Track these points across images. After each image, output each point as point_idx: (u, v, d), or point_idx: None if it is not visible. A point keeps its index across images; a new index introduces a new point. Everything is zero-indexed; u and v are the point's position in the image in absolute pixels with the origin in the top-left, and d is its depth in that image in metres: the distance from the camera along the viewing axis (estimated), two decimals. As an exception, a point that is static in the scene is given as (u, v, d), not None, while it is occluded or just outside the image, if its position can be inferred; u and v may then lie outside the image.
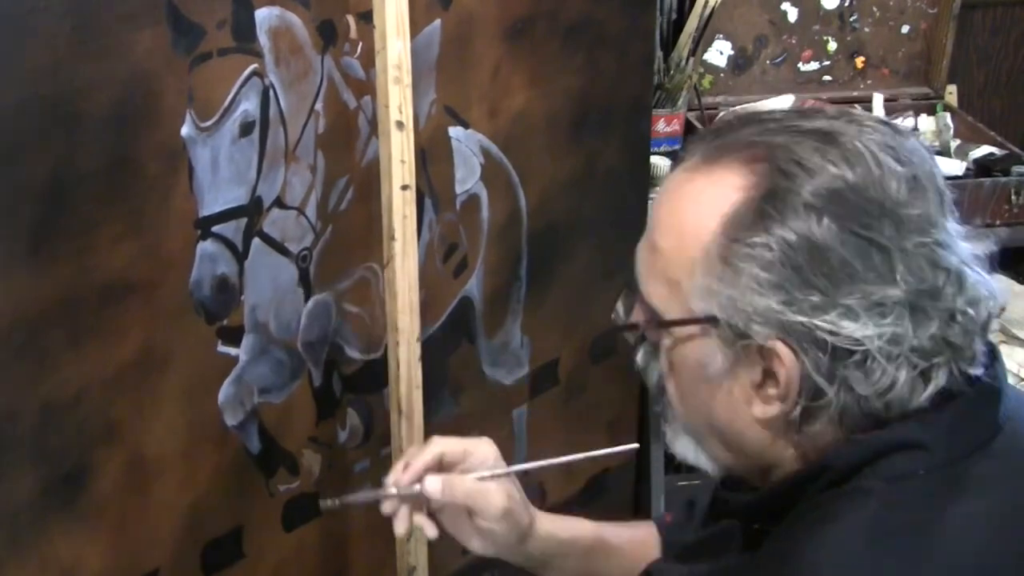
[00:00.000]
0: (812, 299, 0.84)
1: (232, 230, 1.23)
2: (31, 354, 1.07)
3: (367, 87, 1.33)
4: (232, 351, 1.26)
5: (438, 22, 1.40)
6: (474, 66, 1.47)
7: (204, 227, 1.20)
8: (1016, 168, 2.17)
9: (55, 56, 1.02)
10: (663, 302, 0.91)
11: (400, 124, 1.30)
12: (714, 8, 2.15)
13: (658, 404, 0.99)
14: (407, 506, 1.14)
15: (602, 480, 1.90)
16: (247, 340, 1.28)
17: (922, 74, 2.49)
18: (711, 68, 2.37)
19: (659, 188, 0.96)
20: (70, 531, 1.14)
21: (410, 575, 1.47)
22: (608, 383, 1.82)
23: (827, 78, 2.45)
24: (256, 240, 1.26)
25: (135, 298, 1.14)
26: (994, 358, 0.93)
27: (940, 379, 0.87)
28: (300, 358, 1.35)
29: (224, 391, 1.27)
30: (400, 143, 1.31)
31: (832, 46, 2.44)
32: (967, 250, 0.90)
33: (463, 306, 1.57)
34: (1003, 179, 2.14)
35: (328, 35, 1.28)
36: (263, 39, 1.21)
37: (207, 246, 1.20)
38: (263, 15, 1.20)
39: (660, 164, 2.01)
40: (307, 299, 1.34)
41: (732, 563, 0.99)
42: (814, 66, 2.44)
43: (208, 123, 1.17)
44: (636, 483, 2.05)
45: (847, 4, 2.41)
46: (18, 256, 1.04)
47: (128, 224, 1.12)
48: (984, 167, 2.21)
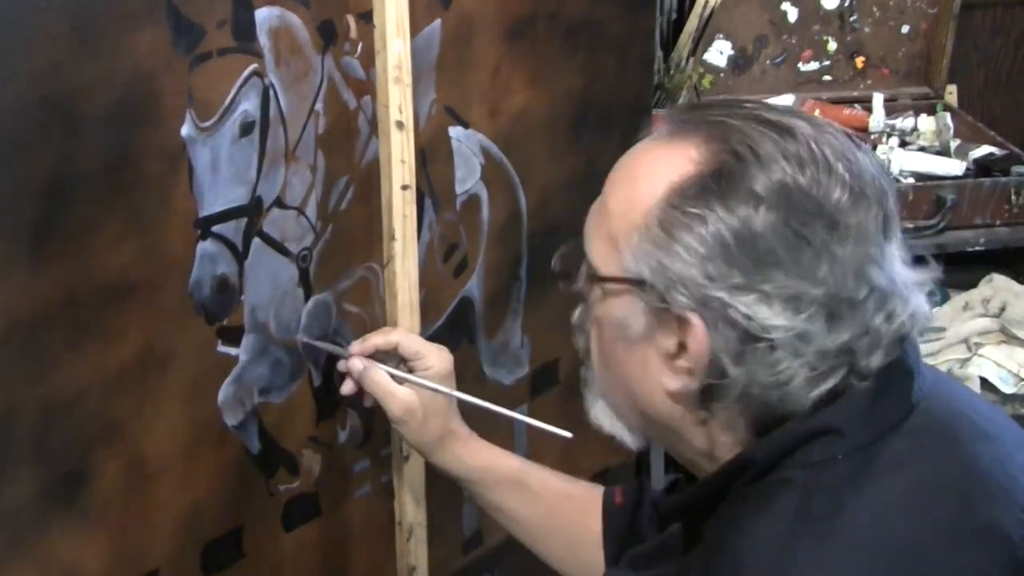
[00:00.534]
0: (734, 279, 0.87)
1: (232, 230, 1.23)
2: (31, 354, 1.07)
3: (367, 87, 1.33)
4: (232, 351, 1.26)
5: (438, 22, 1.40)
6: (474, 66, 1.47)
7: (204, 227, 1.20)
8: (1016, 168, 2.17)
9: (55, 56, 1.02)
10: (601, 259, 0.95)
11: (400, 124, 1.30)
12: (714, 8, 2.15)
13: (583, 369, 1.03)
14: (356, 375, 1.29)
15: (602, 480, 1.90)
16: (247, 340, 1.28)
17: (922, 74, 2.50)
18: (711, 68, 2.37)
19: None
20: (70, 531, 1.13)
21: (410, 575, 1.47)
22: (608, 383, 1.82)
23: (827, 78, 2.46)
24: (256, 240, 1.26)
25: (135, 298, 1.14)
26: (907, 342, 0.94)
27: (829, 384, 0.90)
28: (300, 358, 1.35)
29: (224, 391, 1.27)
30: (400, 143, 1.31)
31: (832, 46, 2.44)
32: (905, 274, 0.92)
33: (463, 306, 1.57)
34: (1003, 179, 2.14)
35: (328, 35, 1.28)
36: (263, 39, 1.21)
37: (207, 246, 1.20)
38: (263, 15, 1.20)
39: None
40: (307, 299, 1.34)
41: (673, 567, 1.01)
42: (814, 66, 2.45)
43: (208, 123, 1.17)
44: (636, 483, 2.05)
45: (847, 4, 2.42)
46: (18, 256, 1.04)
47: (128, 224, 1.12)
48: (984, 167, 2.21)
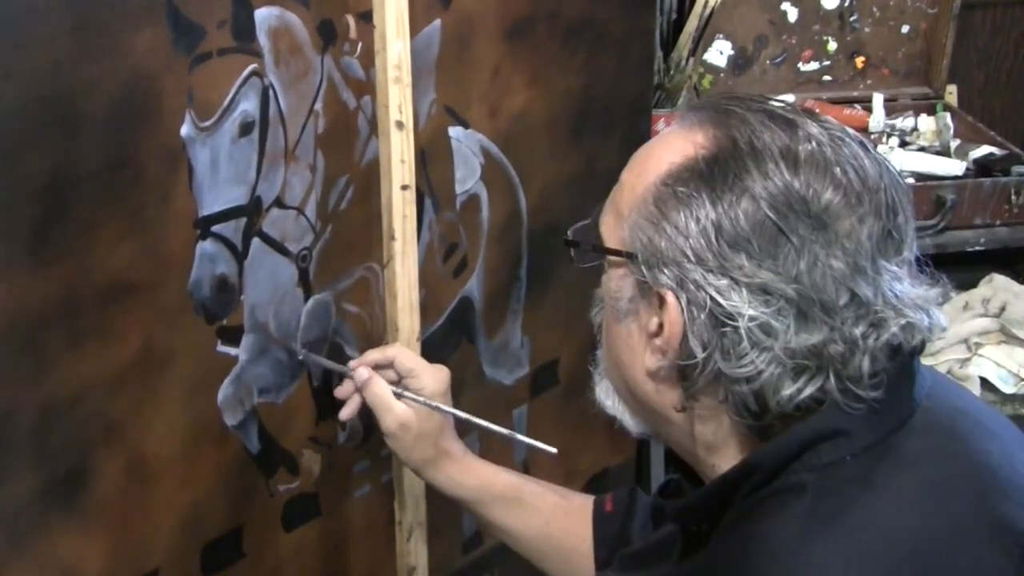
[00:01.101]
0: (710, 262, 0.88)
1: (232, 230, 1.23)
2: (31, 354, 1.07)
3: (367, 87, 1.33)
4: (232, 351, 1.27)
5: (438, 22, 1.40)
6: (474, 66, 1.47)
7: (204, 227, 1.20)
8: (1016, 168, 2.17)
9: (55, 56, 1.02)
10: (608, 231, 0.97)
11: (400, 124, 1.30)
12: (714, 8, 2.15)
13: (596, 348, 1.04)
14: (358, 397, 1.31)
15: (602, 480, 1.90)
16: (247, 340, 1.28)
17: (922, 74, 2.50)
18: (711, 68, 2.37)
19: None
20: (70, 531, 1.14)
21: (410, 575, 1.47)
22: (608, 383, 1.82)
23: (827, 78, 2.46)
24: (256, 240, 1.26)
25: (135, 298, 1.14)
26: (903, 352, 0.93)
27: (804, 384, 0.89)
28: (298, 356, 1.35)
29: (224, 391, 1.27)
30: (400, 143, 1.31)
31: (832, 46, 2.44)
32: (907, 292, 0.91)
33: (463, 306, 1.57)
34: (1003, 179, 2.14)
35: (328, 35, 1.28)
36: (263, 39, 1.21)
37: (207, 246, 1.20)
38: (263, 15, 1.20)
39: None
40: (307, 299, 1.34)
41: (674, 570, 1.00)
42: (814, 66, 2.44)
43: (208, 123, 1.17)
44: (636, 483, 2.05)
45: (847, 4, 2.41)
46: (18, 256, 1.04)
47: (128, 224, 1.12)
48: (984, 167, 2.21)
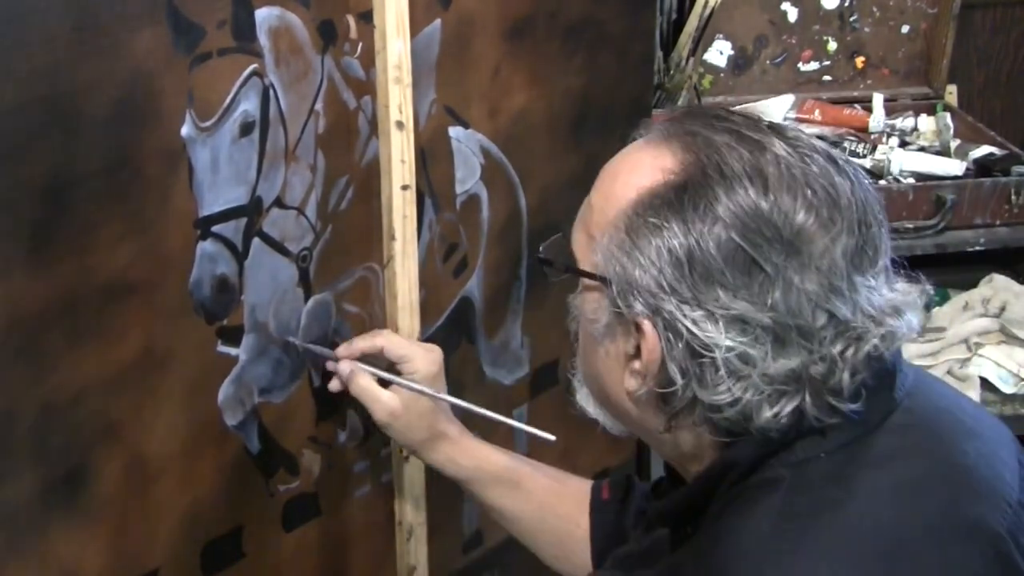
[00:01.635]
0: (684, 293, 0.88)
1: (232, 230, 1.23)
2: (31, 354, 1.07)
3: (367, 87, 1.33)
4: (232, 351, 1.26)
5: (438, 22, 1.40)
6: (474, 66, 1.47)
7: (204, 227, 1.20)
8: (1016, 168, 2.17)
9: (55, 56, 1.02)
10: (580, 251, 0.98)
11: (400, 124, 1.30)
12: (714, 8, 2.15)
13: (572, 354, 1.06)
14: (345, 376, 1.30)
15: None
16: (247, 340, 1.28)
17: (922, 74, 2.50)
18: (711, 68, 2.37)
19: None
20: (70, 531, 1.13)
21: (410, 575, 1.47)
22: (608, 383, 1.82)
23: (827, 78, 2.46)
24: (256, 240, 1.26)
25: (135, 298, 1.14)
26: (884, 361, 0.93)
27: (787, 408, 0.89)
28: (300, 358, 1.35)
29: (224, 391, 1.27)
30: (400, 143, 1.31)
31: (832, 46, 2.44)
32: (882, 300, 0.91)
33: (463, 306, 1.57)
34: (1003, 179, 2.14)
35: (328, 35, 1.28)
36: (263, 39, 1.21)
37: (207, 246, 1.20)
38: (263, 15, 1.20)
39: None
40: (307, 299, 1.34)
41: (660, 569, 1.01)
42: (814, 66, 2.44)
43: (208, 123, 1.17)
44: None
45: (847, 4, 2.41)
46: (18, 256, 1.04)
47: (128, 224, 1.12)
48: (984, 167, 2.21)
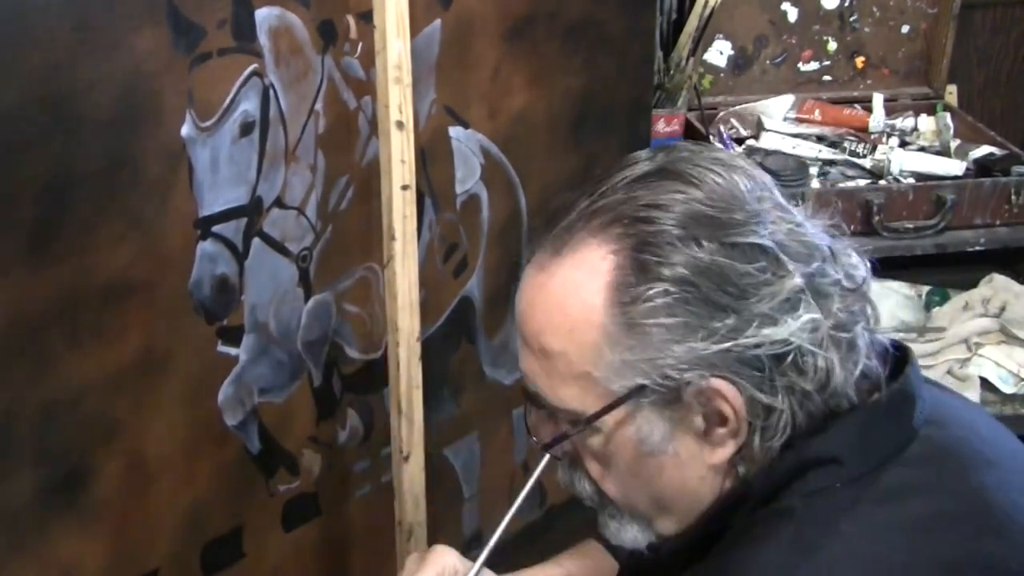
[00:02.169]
0: (727, 322, 0.83)
1: (232, 230, 1.23)
2: (31, 354, 1.07)
3: (367, 87, 1.33)
4: (232, 351, 1.27)
5: (438, 22, 1.40)
6: (474, 66, 1.47)
7: (204, 227, 1.20)
8: (1016, 168, 2.17)
9: (55, 56, 1.02)
10: (579, 401, 0.88)
11: (400, 124, 1.30)
12: (714, 8, 2.15)
13: (596, 507, 0.95)
14: None
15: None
16: (247, 340, 1.28)
17: (922, 74, 2.49)
18: (711, 68, 2.37)
19: (517, 299, 0.93)
20: (70, 531, 1.14)
21: (410, 575, 1.47)
22: (608, 383, 1.82)
23: (827, 78, 2.45)
24: (256, 240, 1.26)
25: (135, 298, 1.14)
26: (906, 361, 0.93)
27: (862, 348, 0.88)
28: (300, 358, 1.35)
29: (224, 391, 1.27)
30: (400, 143, 1.31)
31: (832, 46, 2.44)
32: (818, 228, 0.91)
33: (463, 306, 1.57)
34: (1003, 179, 2.13)
35: (328, 35, 1.28)
36: (263, 39, 1.21)
37: (207, 246, 1.20)
38: (263, 15, 1.20)
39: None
40: (307, 299, 1.34)
41: None
42: (814, 66, 2.44)
43: (208, 123, 1.17)
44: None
45: (847, 4, 2.41)
46: (18, 256, 1.04)
47: (128, 224, 1.12)
48: (984, 167, 2.20)
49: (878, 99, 2.41)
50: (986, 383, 2.02)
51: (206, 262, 1.21)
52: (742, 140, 2.23)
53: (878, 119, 2.38)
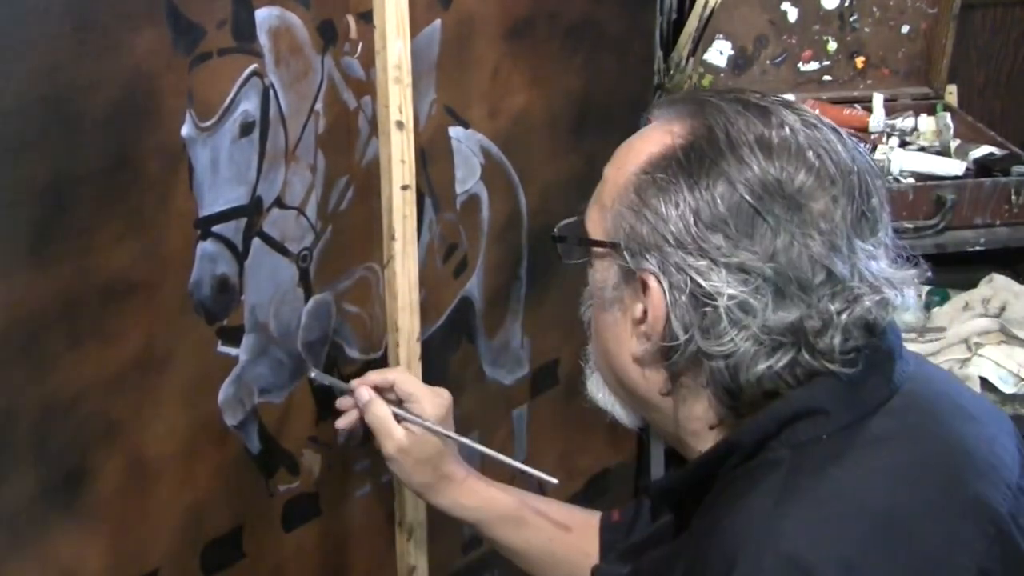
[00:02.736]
0: (688, 243, 0.90)
1: (232, 230, 1.23)
2: (31, 354, 1.07)
3: (367, 87, 1.33)
4: (232, 351, 1.26)
5: (438, 22, 1.40)
6: (474, 66, 1.47)
7: (204, 227, 1.20)
8: (1016, 168, 2.17)
9: (55, 56, 1.02)
10: (593, 224, 1.00)
11: (400, 124, 1.30)
12: (714, 8, 2.15)
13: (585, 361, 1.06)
14: (356, 411, 1.32)
15: (602, 480, 1.90)
16: (247, 340, 1.28)
17: (922, 74, 2.50)
18: (711, 68, 2.37)
19: None
20: (70, 531, 1.13)
21: (410, 575, 1.47)
22: (608, 383, 1.82)
23: (827, 78, 2.45)
24: (256, 240, 1.26)
25: (135, 298, 1.14)
26: (881, 330, 0.96)
27: (781, 362, 0.91)
28: (300, 358, 1.35)
29: (224, 391, 1.27)
30: (400, 143, 1.31)
31: (832, 46, 2.44)
32: (883, 271, 0.94)
33: (463, 306, 1.57)
34: (1003, 179, 2.14)
35: (328, 35, 1.28)
36: (263, 39, 1.21)
37: (207, 246, 1.20)
38: (263, 15, 1.20)
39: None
40: (307, 299, 1.34)
41: (663, 550, 1.03)
42: (814, 66, 2.44)
43: (208, 123, 1.17)
44: (636, 482, 2.05)
45: (847, 4, 2.41)
46: (18, 256, 1.04)
47: (128, 224, 1.12)
48: (984, 167, 2.21)
49: (878, 99, 2.41)
50: (986, 383, 2.02)
51: (206, 262, 1.21)
52: (742, 140, 2.23)
53: (878, 119, 2.38)
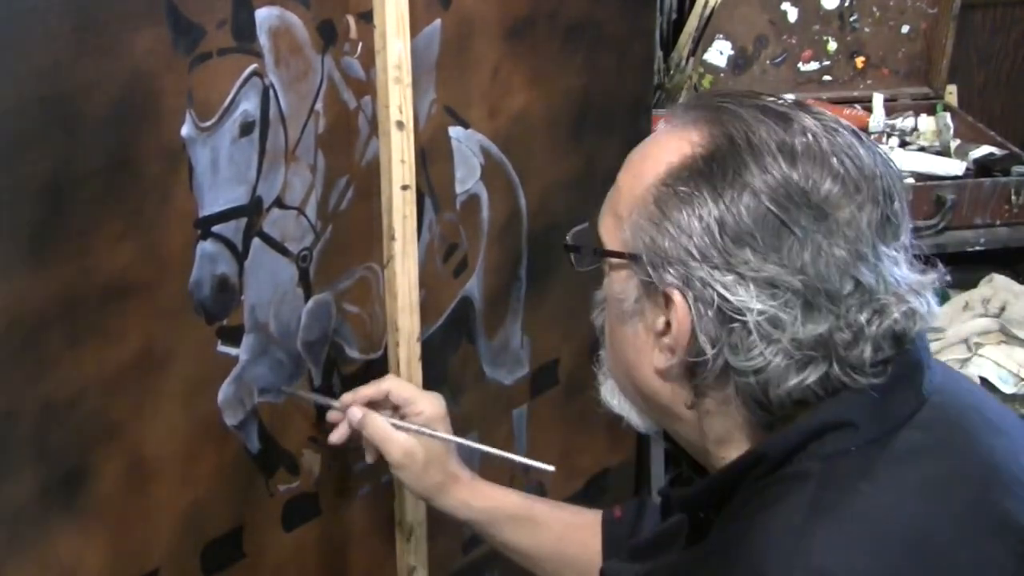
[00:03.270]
0: (715, 259, 0.88)
1: (232, 230, 1.23)
2: (31, 354, 1.07)
3: (367, 87, 1.33)
4: (232, 351, 1.26)
5: (438, 22, 1.40)
6: (474, 66, 1.47)
7: (204, 227, 1.20)
8: (1016, 168, 2.17)
9: (55, 56, 1.02)
10: (607, 234, 0.98)
11: (400, 124, 1.30)
12: (714, 8, 2.15)
13: (598, 367, 1.05)
14: (347, 423, 1.31)
15: (602, 480, 1.90)
16: (247, 340, 1.28)
17: (922, 74, 2.50)
18: (711, 68, 2.37)
19: None
20: (70, 531, 1.13)
21: (410, 575, 1.47)
22: (608, 383, 1.82)
23: (827, 78, 2.46)
24: (256, 240, 1.26)
25: (135, 298, 1.14)
26: (910, 340, 0.94)
27: (809, 374, 0.90)
28: (300, 358, 1.35)
29: (224, 391, 1.27)
30: (400, 143, 1.31)
31: (832, 46, 2.44)
32: (906, 277, 0.92)
33: (463, 306, 1.57)
34: (1003, 179, 2.14)
35: (328, 35, 1.28)
36: (263, 39, 1.21)
37: (207, 246, 1.20)
38: (263, 15, 1.20)
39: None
40: (307, 299, 1.34)
41: (680, 557, 1.01)
42: (814, 66, 2.44)
43: (208, 123, 1.17)
44: (636, 482, 2.05)
45: (847, 4, 2.41)
46: (18, 256, 1.04)
47: (128, 224, 1.12)
48: (984, 167, 2.21)
49: (878, 99, 2.41)
50: (986, 383, 2.02)
51: (206, 262, 1.21)
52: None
53: (878, 119, 2.38)
